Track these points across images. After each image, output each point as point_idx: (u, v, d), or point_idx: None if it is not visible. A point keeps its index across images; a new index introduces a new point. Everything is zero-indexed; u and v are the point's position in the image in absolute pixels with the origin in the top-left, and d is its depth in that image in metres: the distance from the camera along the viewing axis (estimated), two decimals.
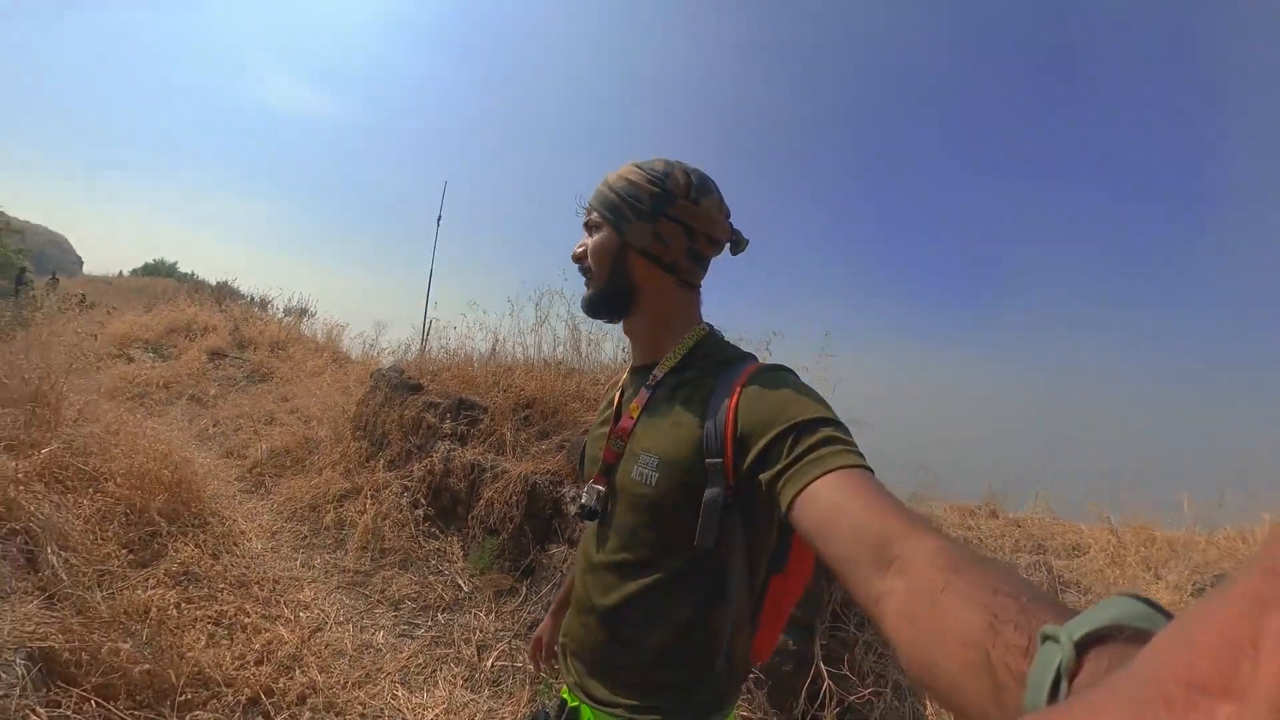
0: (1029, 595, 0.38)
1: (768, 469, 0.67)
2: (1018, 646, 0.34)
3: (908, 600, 0.46)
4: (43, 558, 2.64)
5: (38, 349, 4.93)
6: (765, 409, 0.71)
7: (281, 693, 2.33)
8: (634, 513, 0.81)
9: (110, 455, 3.76)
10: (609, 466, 0.86)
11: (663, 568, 0.79)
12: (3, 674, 1.85)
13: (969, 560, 0.45)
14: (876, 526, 0.53)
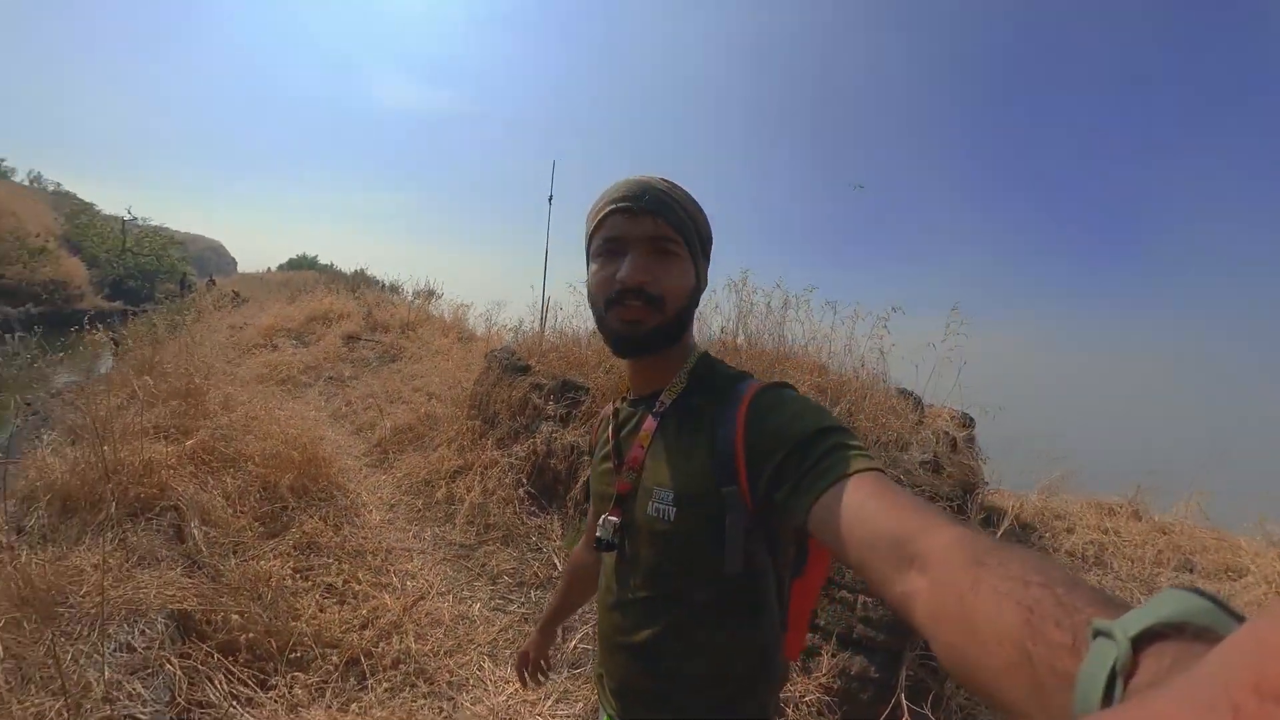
0: (1064, 584, 0.38)
1: (782, 488, 0.72)
2: (1061, 645, 0.35)
3: (934, 598, 0.48)
4: (187, 531, 3.29)
5: (190, 350, 6.05)
6: (771, 431, 0.76)
7: (379, 656, 2.69)
8: (654, 549, 0.85)
9: (247, 440, 4.52)
10: (623, 498, 0.89)
11: (692, 599, 0.84)
12: (147, 630, 2.34)
13: (991, 550, 0.46)
14: (893, 525, 0.56)
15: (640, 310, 0.84)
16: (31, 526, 2.96)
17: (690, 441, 0.85)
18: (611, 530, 0.89)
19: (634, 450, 0.90)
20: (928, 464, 3.10)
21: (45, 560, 2.58)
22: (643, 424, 0.91)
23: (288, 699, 2.28)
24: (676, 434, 0.87)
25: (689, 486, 0.82)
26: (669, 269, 0.85)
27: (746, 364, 4.31)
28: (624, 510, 0.89)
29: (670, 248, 0.85)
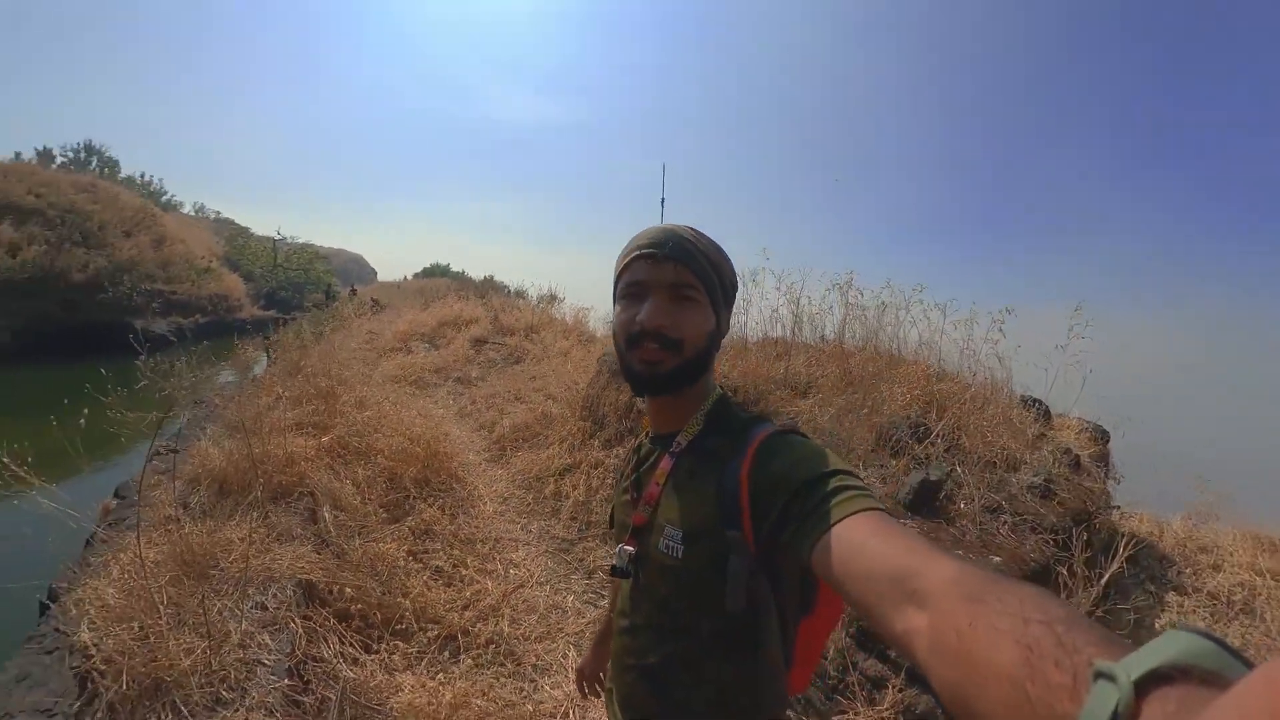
0: (1064, 623, 0.40)
1: (786, 530, 0.79)
2: (1061, 686, 0.36)
3: (933, 636, 0.50)
4: (320, 514, 3.91)
5: (330, 355, 7.04)
6: (775, 476, 0.84)
7: (475, 635, 3.07)
8: (664, 582, 0.96)
9: (376, 436, 5.22)
10: (639, 530, 1.00)
11: (698, 631, 0.94)
12: (278, 594, 2.88)
13: (990, 585, 0.49)
14: (892, 563, 0.60)
15: (658, 352, 0.94)
16: (193, 504, 3.69)
17: (700, 483, 0.94)
18: (627, 559, 1.00)
19: (650, 487, 1.00)
20: (1036, 488, 2.93)
21: (203, 532, 3.23)
22: (660, 462, 1.01)
23: (385, 663, 2.70)
24: (689, 475, 0.96)
25: (696, 526, 0.92)
26: (688, 314, 0.95)
27: (855, 370, 4.26)
28: (639, 542, 1.00)
29: (690, 294, 0.95)
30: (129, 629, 2.32)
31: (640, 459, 1.09)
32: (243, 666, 2.33)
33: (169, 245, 26.38)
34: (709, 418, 1.00)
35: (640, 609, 1.01)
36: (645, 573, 0.99)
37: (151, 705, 2.07)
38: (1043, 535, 2.63)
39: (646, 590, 0.99)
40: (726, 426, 0.98)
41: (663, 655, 0.97)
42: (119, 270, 22.06)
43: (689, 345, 0.95)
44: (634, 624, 1.02)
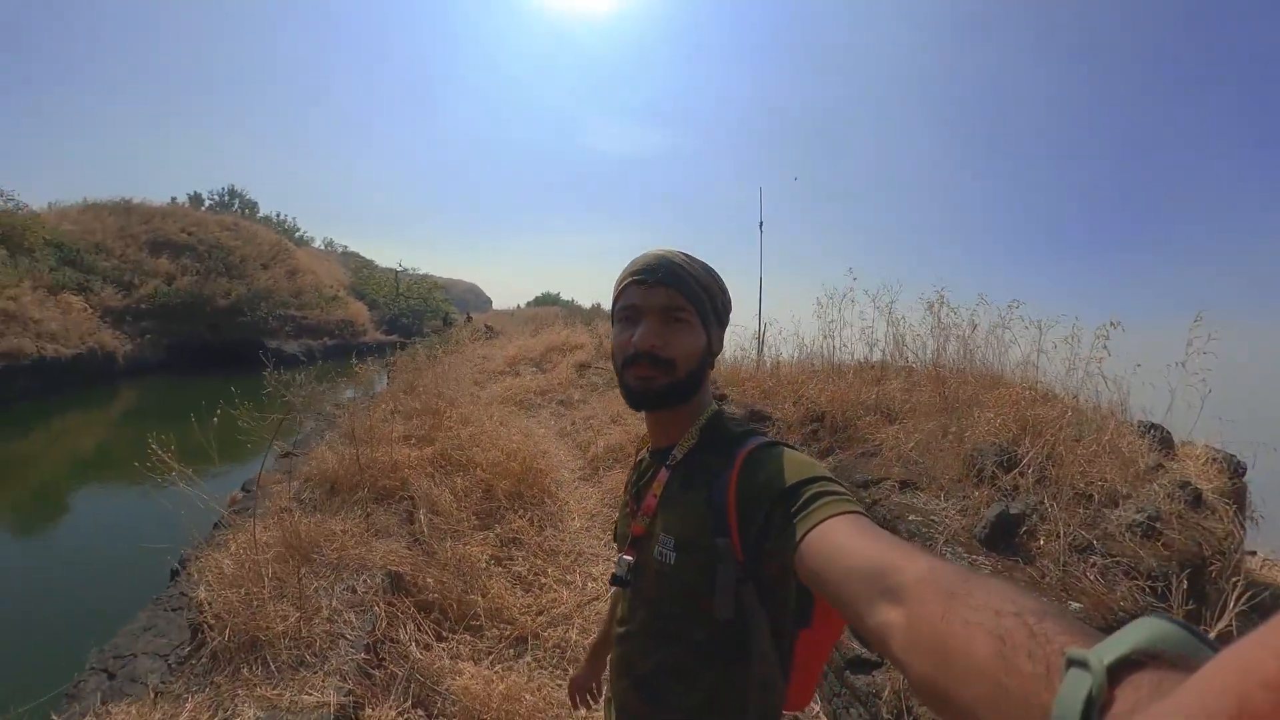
0: (1035, 614, 0.41)
1: (769, 537, 0.84)
2: (1034, 675, 0.37)
3: (908, 631, 0.52)
4: (416, 516, 4.26)
5: (443, 376, 7.61)
6: (760, 485, 0.89)
7: (544, 639, 3.23)
8: (658, 589, 1.01)
9: (475, 450, 5.59)
10: (637, 540, 1.06)
11: (689, 638, 0.98)
12: (368, 580, 3.18)
13: (963, 580, 0.51)
14: (869, 560, 0.63)
15: (650, 370, 1.00)
16: (306, 499, 4.15)
17: (693, 494, 0.99)
18: (626, 568, 1.05)
19: (648, 499, 1.06)
20: (1138, 527, 2.67)
21: (311, 522, 3.62)
22: (657, 475, 1.07)
23: (452, 651, 2.91)
24: (682, 486, 1.02)
25: (687, 534, 0.96)
26: (679, 335, 1.01)
27: (951, 394, 4.10)
28: (638, 551, 1.05)
29: (681, 316, 1.01)
30: (237, 594, 2.67)
31: (640, 472, 1.15)
32: (327, 638, 2.61)
33: (301, 276, 29.98)
34: (703, 432, 1.05)
35: (637, 615, 1.06)
36: (642, 581, 1.04)
37: (246, 658, 2.38)
38: (1138, 581, 2.39)
39: (643, 597, 1.04)
40: (719, 440, 1.03)
41: (656, 662, 1.02)
42: (257, 297, 25.55)
43: (681, 364, 1.01)
44: (630, 631, 1.08)
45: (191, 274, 24.19)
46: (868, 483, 3.28)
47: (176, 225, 26.52)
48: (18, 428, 12.62)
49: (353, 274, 40.35)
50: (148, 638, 2.82)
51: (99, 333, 18.62)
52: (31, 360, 15.20)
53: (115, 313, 20.31)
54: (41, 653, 4.21)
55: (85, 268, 21.10)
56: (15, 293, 16.42)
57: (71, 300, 18.52)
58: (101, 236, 23.63)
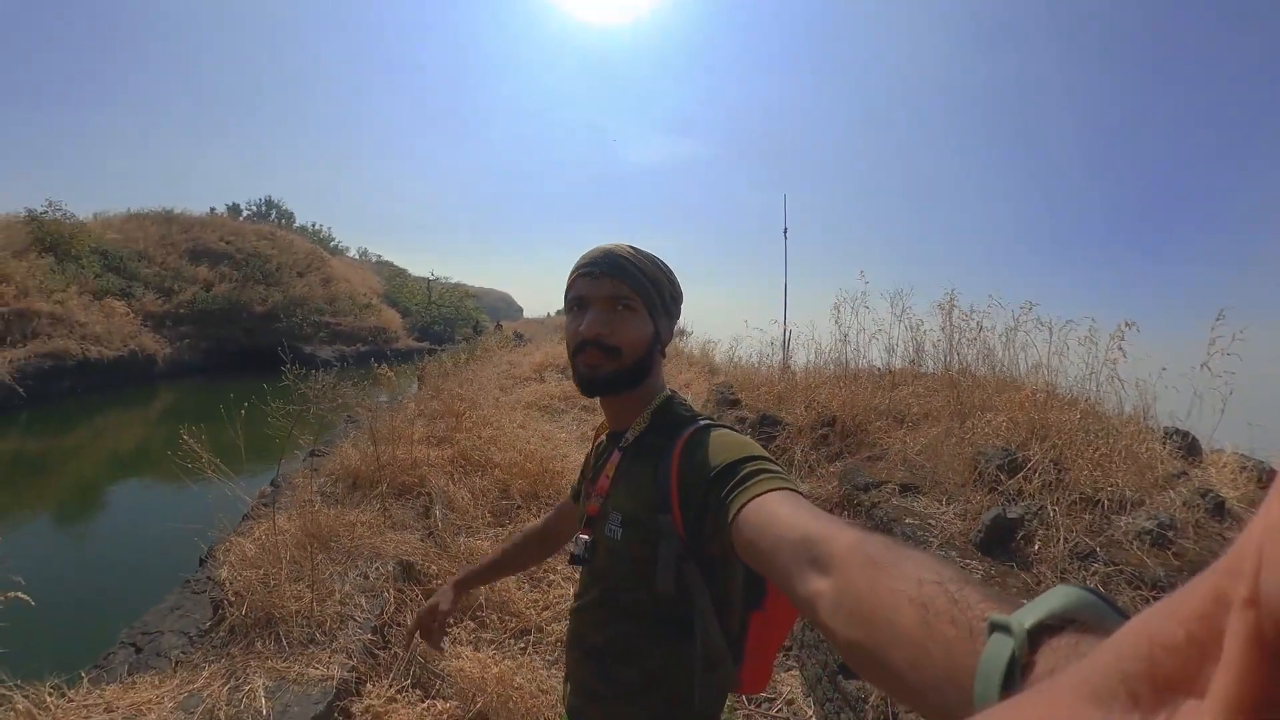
0: (955, 581, 0.44)
1: (707, 514, 0.89)
2: (956, 639, 0.39)
3: (836, 599, 0.55)
4: (433, 511, 4.41)
5: (469, 381, 7.81)
6: (698, 464, 0.94)
7: (546, 632, 3.34)
8: (608, 564, 1.06)
9: (493, 451, 5.75)
10: (592, 520, 1.11)
11: (634, 612, 1.04)
12: (380, 568, 3.33)
13: (888, 549, 0.54)
14: (799, 533, 0.66)
15: (597, 356, 1.06)
16: (328, 492, 4.33)
17: (639, 474, 1.04)
18: (583, 547, 1.10)
19: (601, 480, 1.11)
20: (1147, 534, 2.61)
21: (332, 514, 3.79)
22: (611, 456, 1.12)
23: (454, 637, 3.04)
24: (631, 466, 1.07)
25: (633, 512, 1.02)
26: (625, 322, 1.06)
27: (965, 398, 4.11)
28: (592, 530, 1.10)
29: (627, 304, 1.06)
30: (256, 574, 2.84)
31: (598, 454, 1.21)
32: (337, 619, 2.77)
33: (335, 284, 30.84)
34: (654, 416, 1.10)
35: (590, 591, 1.12)
36: (595, 558, 1.09)
37: (260, 633, 2.55)
38: (1142, 591, 2.36)
39: (596, 574, 1.10)
40: (667, 423, 1.08)
41: (606, 636, 1.07)
42: (292, 304, 26.43)
43: (627, 351, 1.06)
44: (584, 605, 1.13)
45: (229, 281, 25.02)
46: (869, 485, 3.31)
47: (215, 234, 27.48)
48: (62, 424, 13.27)
49: (386, 282, 41.26)
50: (174, 617, 3.00)
51: (140, 336, 19.40)
52: (77, 361, 15.93)
53: (156, 317, 21.12)
54: (78, 630, 4.45)
55: (128, 274, 21.97)
56: (62, 297, 17.20)
57: (115, 305, 19.30)
58: (144, 245, 24.55)
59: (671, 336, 1.17)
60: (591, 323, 1.06)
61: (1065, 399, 3.96)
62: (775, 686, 3.07)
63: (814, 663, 3.00)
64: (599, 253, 1.10)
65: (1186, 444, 3.75)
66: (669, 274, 1.14)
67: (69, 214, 21.78)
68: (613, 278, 1.06)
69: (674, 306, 1.15)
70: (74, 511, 8.61)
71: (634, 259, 1.09)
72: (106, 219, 25.75)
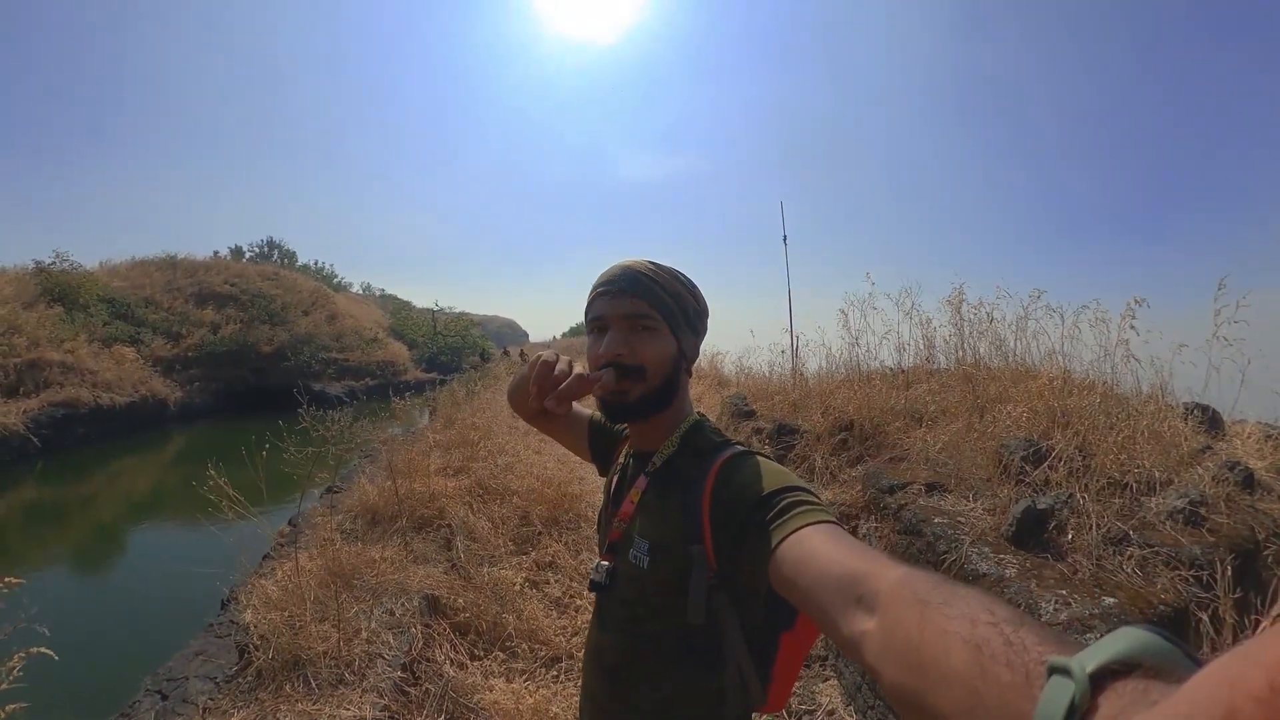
0: (1011, 622, 0.42)
1: (744, 546, 0.86)
2: (1012, 684, 0.37)
3: (883, 639, 0.52)
4: (454, 543, 4.38)
5: (480, 409, 7.80)
6: (734, 494, 0.91)
7: (578, 659, 3.27)
8: (632, 590, 1.03)
9: (510, 478, 5.72)
10: (614, 545, 1.08)
11: (659, 639, 1.01)
12: (406, 604, 3.29)
13: (937, 587, 0.51)
14: (842, 570, 0.64)
15: (621, 382, 1.02)
16: (348, 529, 4.31)
17: (669, 501, 1.01)
18: (604, 574, 1.07)
19: (625, 504, 1.08)
20: (1179, 513, 2.59)
21: (353, 551, 3.77)
22: (636, 480, 1.08)
23: (485, 669, 2.99)
24: (660, 493, 1.04)
25: (662, 540, 0.99)
26: (646, 342, 1.02)
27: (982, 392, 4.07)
28: (615, 555, 1.08)
29: (647, 323, 1.02)
30: (281, 615, 2.81)
31: (621, 476, 1.16)
32: (366, 657, 2.73)
33: (341, 320, 31.11)
34: (684, 440, 1.06)
35: (612, 614, 1.08)
36: (618, 583, 1.06)
37: (288, 675, 2.51)
38: (1180, 571, 2.30)
39: (619, 598, 1.06)
40: (697, 449, 1.04)
41: (626, 659, 1.05)
42: (299, 342, 26.61)
43: (651, 370, 1.03)
44: (605, 628, 1.10)
45: (235, 323, 25.27)
46: (894, 487, 3.27)
47: (220, 277, 27.82)
48: (78, 471, 13.32)
49: (391, 315, 41.63)
50: (198, 662, 2.97)
51: (150, 381, 19.56)
52: (89, 408, 16.10)
53: (165, 362, 21.30)
54: (101, 678, 4.42)
55: (136, 320, 22.26)
56: (72, 346, 17.45)
57: (124, 351, 19.53)
58: (150, 291, 24.90)
59: (697, 354, 1.13)
60: (611, 343, 1.02)
61: (1082, 383, 3.89)
62: (814, 697, 3.02)
63: (852, 670, 2.96)
64: (617, 270, 1.06)
65: (1208, 418, 3.71)
66: (691, 288, 1.10)
67: (76, 264, 22.15)
68: (632, 295, 1.03)
69: (698, 322, 1.11)
70: (93, 558, 8.64)
71: (653, 274, 1.05)
72: (112, 267, 26.17)
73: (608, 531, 1.11)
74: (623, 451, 1.21)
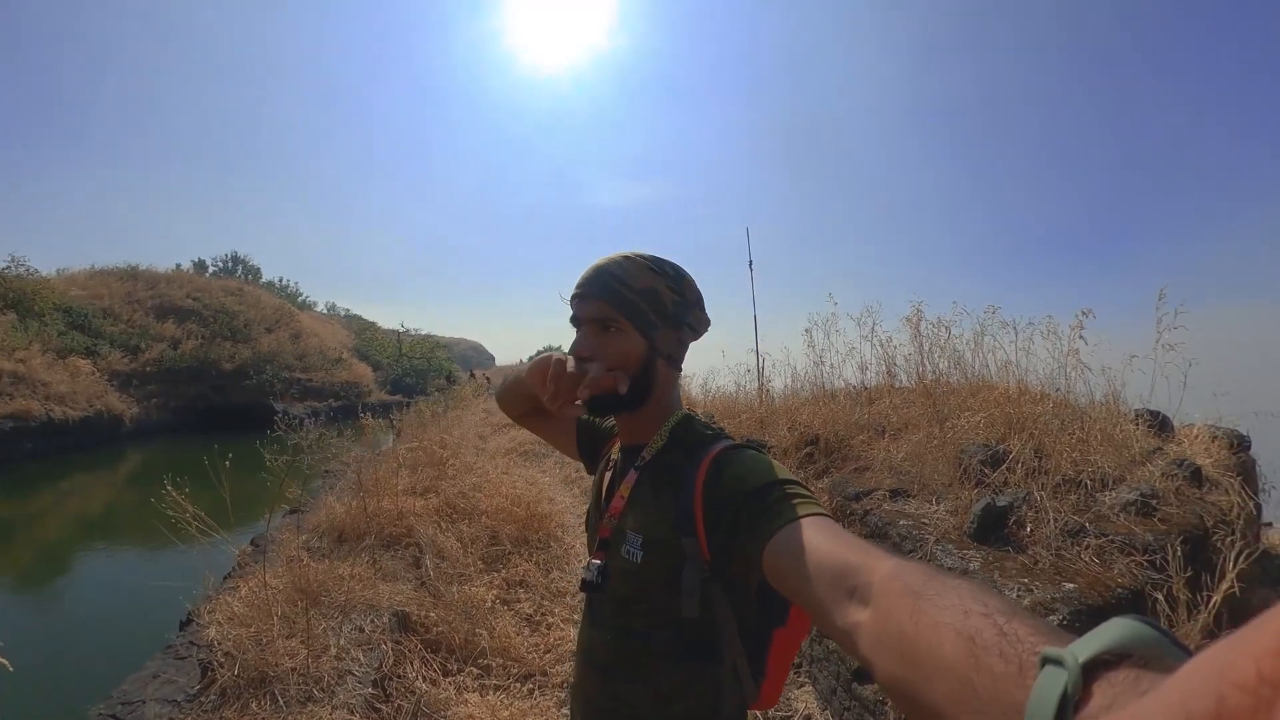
0: (1003, 613, 0.42)
1: (736, 538, 0.87)
2: (1005, 674, 0.37)
3: (875, 630, 0.53)
4: (423, 561, 4.32)
5: (447, 429, 7.74)
6: (727, 487, 0.92)
7: (551, 675, 3.26)
8: (625, 586, 1.03)
9: (479, 497, 5.68)
10: (605, 542, 1.07)
11: (652, 635, 1.01)
12: (375, 620, 3.24)
13: (930, 578, 0.52)
14: (835, 561, 0.65)
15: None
16: (315, 547, 4.23)
17: (660, 495, 1.02)
18: (595, 573, 1.05)
19: (615, 500, 1.08)
20: (1132, 505, 2.72)
21: (320, 568, 3.69)
22: (625, 475, 1.09)
23: (458, 684, 2.96)
24: (651, 487, 1.04)
25: (654, 534, 0.99)
26: (609, 343, 1.04)
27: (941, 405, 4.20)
28: (606, 553, 1.07)
29: (611, 325, 1.04)
30: (247, 632, 2.75)
31: (612, 471, 1.17)
32: (335, 674, 2.68)
33: (305, 339, 30.69)
34: (672, 434, 1.07)
35: (604, 611, 1.08)
36: (610, 580, 1.05)
37: (255, 693, 2.46)
38: (1135, 557, 2.43)
39: (611, 595, 1.06)
40: (687, 442, 1.05)
41: (619, 656, 1.05)
42: (261, 360, 26.11)
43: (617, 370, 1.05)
44: (595, 625, 1.11)
45: (197, 338, 24.71)
46: (859, 495, 3.37)
47: (182, 291, 27.24)
48: (26, 486, 12.86)
49: (356, 336, 41.10)
50: (156, 684, 2.87)
51: (106, 395, 18.95)
52: (40, 421, 15.58)
53: (122, 376, 20.67)
54: (50, 704, 4.23)
55: (93, 332, 21.59)
56: (24, 355, 16.92)
57: (79, 364, 18.93)
58: (109, 301, 24.26)
59: (683, 346, 1.13)
60: (576, 345, 1.06)
61: (1037, 394, 4.05)
62: (790, 703, 3.04)
63: (826, 675, 3.01)
64: (590, 271, 1.08)
65: (1158, 422, 3.86)
66: (672, 279, 1.08)
67: (32, 270, 21.49)
68: (596, 299, 1.04)
69: (681, 314, 1.09)
70: (42, 577, 8.29)
71: (621, 273, 1.05)
72: (70, 275, 25.47)
73: (598, 529, 1.10)
74: (612, 448, 1.21)
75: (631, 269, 1.05)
